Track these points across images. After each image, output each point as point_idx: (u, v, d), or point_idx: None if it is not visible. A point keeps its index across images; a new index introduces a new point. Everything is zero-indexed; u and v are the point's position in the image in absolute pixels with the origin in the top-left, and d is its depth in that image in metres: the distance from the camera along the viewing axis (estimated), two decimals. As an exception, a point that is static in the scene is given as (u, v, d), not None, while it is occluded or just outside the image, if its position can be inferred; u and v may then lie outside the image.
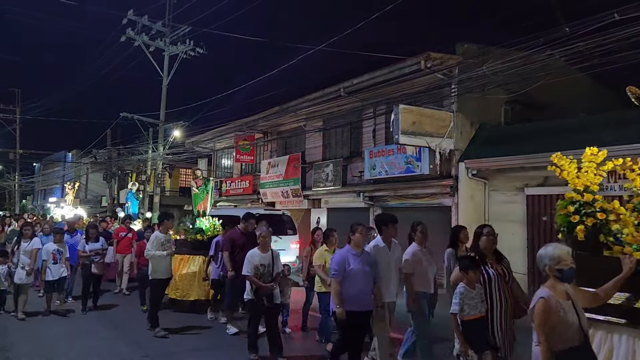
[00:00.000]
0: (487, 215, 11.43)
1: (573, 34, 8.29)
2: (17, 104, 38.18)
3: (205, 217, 10.64)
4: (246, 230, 7.99)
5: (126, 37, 21.18)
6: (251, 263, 6.33)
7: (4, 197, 45.62)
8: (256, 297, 6.30)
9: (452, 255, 6.21)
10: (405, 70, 11.96)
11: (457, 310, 4.54)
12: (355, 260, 5.40)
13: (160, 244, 7.97)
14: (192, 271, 9.62)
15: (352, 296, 5.29)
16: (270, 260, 6.45)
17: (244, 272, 6.39)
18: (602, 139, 9.19)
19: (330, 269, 5.45)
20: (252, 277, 6.30)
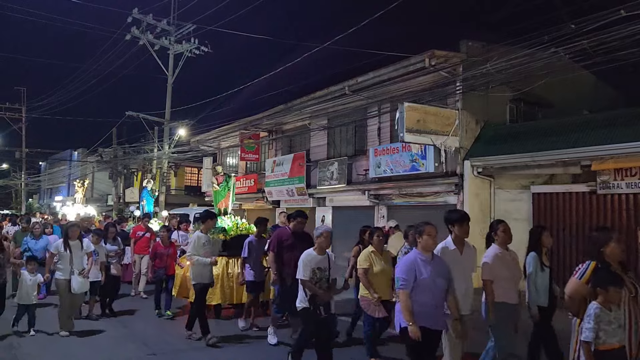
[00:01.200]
0: (492, 214, 11.42)
1: (578, 31, 8.26)
2: (23, 103, 38.40)
3: (227, 215, 10.29)
4: (296, 229, 7.21)
5: (131, 36, 21.25)
6: (307, 266, 5.60)
7: (10, 196, 45.88)
8: (312, 305, 5.56)
9: (536, 260, 5.53)
10: (409, 68, 11.95)
11: (592, 337, 3.71)
12: (426, 267, 4.56)
13: (201, 246, 7.48)
14: (215, 274, 8.79)
15: (423, 310, 4.47)
16: (327, 263, 5.75)
17: (299, 276, 5.64)
18: (607, 137, 9.24)
19: (398, 279, 4.55)
20: (309, 282, 5.58)
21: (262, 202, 19.27)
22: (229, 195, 10.56)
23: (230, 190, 10.55)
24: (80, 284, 7.51)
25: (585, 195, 9.92)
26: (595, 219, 9.68)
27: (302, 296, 5.66)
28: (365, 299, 6.15)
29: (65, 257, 7.53)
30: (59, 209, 33.87)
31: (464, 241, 5.08)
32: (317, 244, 5.77)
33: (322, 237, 5.74)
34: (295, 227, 7.17)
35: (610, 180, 9.43)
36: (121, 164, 27.81)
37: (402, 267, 4.62)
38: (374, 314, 6.10)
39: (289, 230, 7.20)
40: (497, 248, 5.28)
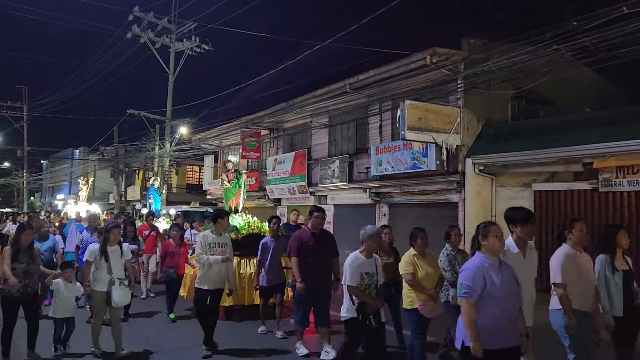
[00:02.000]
0: (494, 212, 11.41)
1: (580, 28, 8.23)
2: (25, 101, 38.52)
3: (239, 213, 10.01)
4: (315, 226, 6.54)
5: (132, 34, 21.27)
6: (355, 271, 5.07)
7: (12, 194, 45.96)
8: (361, 314, 5.02)
9: (606, 263, 4.98)
10: (411, 65, 11.93)
11: None
12: (496, 274, 3.82)
13: (208, 247, 6.88)
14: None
15: (493, 326, 3.73)
16: (374, 267, 5.21)
17: (346, 282, 5.12)
18: (609, 134, 9.21)
19: (461, 285, 3.82)
20: (357, 289, 5.05)
21: (264, 200, 19.29)
22: (239, 192, 10.22)
23: (241, 187, 10.22)
24: (121, 296, 6.43)
25: (587, 193, 9.90)
26: (597, 217, 9.66)
27: (348, 305, 5.11)
28: (422, 302, 5.50)
29: (102, 265, 6.42)
30: (60, 207, 33.91)
31: (526, 243, 4.54)
32: (364, 246, 5.21)
33: (371, 239, 5.20)
34: (314, 223, 6.53)
35: (612, 178, 9.41)
36: (122, 162, 27.84)
37: (468, 273, 3.87)
38: (432, 314, 5.58)
39: (309, 231, 6.55)
40: (568, 248, 4.80)
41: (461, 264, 5.50)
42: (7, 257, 6.08)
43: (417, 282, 5.54)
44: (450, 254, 5.89)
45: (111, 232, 6.52)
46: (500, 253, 4.00)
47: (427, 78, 11.95)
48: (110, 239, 6.48)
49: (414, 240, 5.82)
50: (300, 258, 6.39)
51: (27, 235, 6.19)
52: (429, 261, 5.80)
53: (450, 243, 6.01)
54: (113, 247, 6.48)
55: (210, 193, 23.82)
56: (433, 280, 5.68)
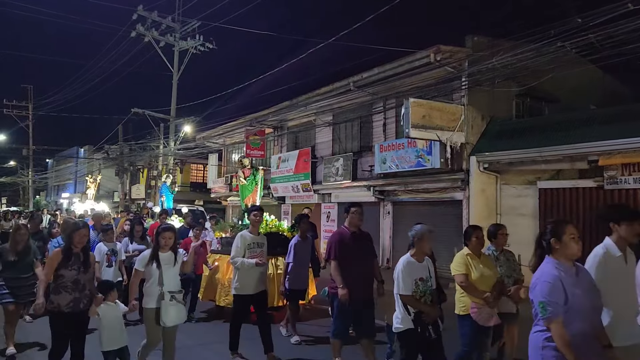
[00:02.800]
0: (498, 209, 11.39)
1: (584, 25, 8.20)
2: (30, 101, 38.66)
3: None
4: (353, 225, 5.85)
5: (136, 33, 21.31)
6: (408, 277, 4.54)
7: (17, 193, 46.16)
8: (418, 325, 4.49)
9: None
10: (415, 63, 11.92)
11: None
12: (574, 283, 3.18)
13: (246, 248, 6.32)
14: None
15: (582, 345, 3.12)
16: (428, 271, 4.68)
17: (399, 290, 4.57)
18: (614, 132, 9.18)
19: (543, 304, 3.10)
20: (413, 297, 4.53)
21: (268, 199, 19.31)
22: (256, 189, 9.79)
23: (257, 184, 9.78)
24: (173, 315, 5.19)
25: (593, 191, 9.87)
26: (602, 215, 9.62)
27: (402, 315, 4.57)
28: (475, 306, 4.91)
29: (152, 275, 5.27)
30: (65, 205, 34.03)
31: (627, 245, 3.83)
32: (415, 249, 4.68)
33: (422, 240, 4.63)
34: (352, 221, 5.84)
35: (618, 176, 9.38)
36: (127, 160, 27.92)
37: (545, 286, 3.13)
38: (488, 322, 4.91)
39: (348, 231, 5.83)
40: None
41: (504, 265, 5.40)
42: (54, 262, 4.93)
43: (470, 284, 4.97)
44: (493, 254, 5.48)
45: (161, 235, 5.34)
46: (577, 257, 3.31)
47: (431, 76, 11.92)
48: (162, 243, 5.31)
49: (467, 239, 5.22)
50: (341, 261, 5.66)
51: (81, 236, 5.00)
52: (484, 262, 5.19)
53: (495, 243, 5.55)
54: (165, 254, 5.32)
55: (215, 191, 23.87)
56: (489, 283, 5.04)
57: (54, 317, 4.88)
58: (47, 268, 5.07)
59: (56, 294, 4.85)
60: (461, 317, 5.05)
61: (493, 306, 4.94)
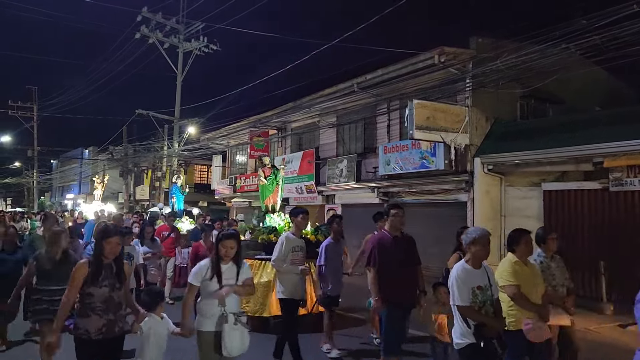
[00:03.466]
0: (503, 211, 11.37)
1: (589, 26, 8.18)
2: (35, 102, 38.83)
3: (277, 213, 9.17)
4: (394, 228, 5.33)
5: (141, 35, 21.37)
6: (465, 286, 4.07)
7: (22, 194, 46.32)
8: (481, 339, 4.03)
9: None
10: (419, 65, 11.91)
11: None
12: None
13: (290, 251, 5.99)
14: (265, 281, 7.62)
15: None
16: (487, 279, 4.20)
17: (455, 301, 4.11)
18: (619, 133, 9.15)
19: None
20: (472, 309, 4.06)
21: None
22: (277, 190, 9.30)
23: (279, 184, 9.32)
24: (237, 341, 4.20)
25: (598, 193, 9.83)
26: (607, 217, 9.60)
27: (462, 329, 4.12)
28: (530, 322, 4.39)
29: (211, 292, 4.25)
30: (70, 206, 34.13)
31: None
32: (471, 254, 4.22)
33: (477, 244, 4.15)
34: (393, 224, 5.32)
35: (623, 177, 9.34)
36: (131, 161, 27.99)
37: None
38: (541, 338, 4.42)
39: (389, 235, 5.31)
40: None
41: (555, 273, 5.04)
42: (79, 277, 3.90)
43: (522, 296, 4.44)
44: (543, 261, 5.02)
45: (223, 242, 4.31)
46: None
47: (435, 77, 11.92)
48: (222, 253, 4.31)
49: (515, 244, 4.65)
50: (382, 268, 5.16)
51: (113, 245, 3.96)
52: (532, 270, 4.67)
53: (544, 248, 5.12)
54: (227, 265, 4.33)
55: (219, 192, 23.89)
56: (539, 293, 4.61)
57: (81, 346, 3.89)
58: (70, 286, 3.91)
59: (84, 317, 3.86)
60: (511, 333, 4.43)
61: (547, 320, 4.50)
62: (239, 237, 4.44)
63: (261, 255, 8.06)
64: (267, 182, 9.24)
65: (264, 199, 9.33)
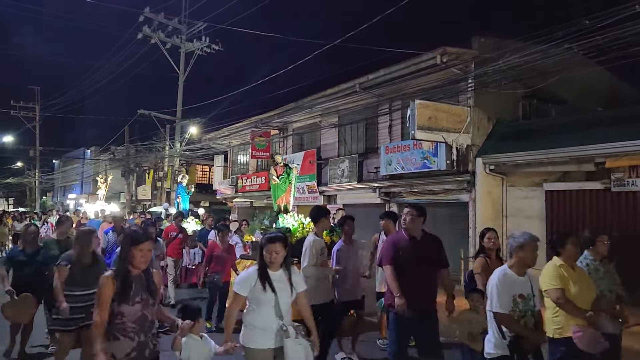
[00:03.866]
0: (504, 211, 11.34)
1: (592, 26, 8.16)
2: (37, 102, 38.91)
3: (289, 213, 8.87)
4: (414, 232, 5.01)
5: (143, 35, 21.40)
6: (506, 293, 3.77)
7: (24, 194, 46.41)
8: (515, 352, 3.75)
9: None
10: (421, 65, 11.89)
11: None
12: None
13: (319, 254, 5.82)
14: None
15: None
16: (530, 288, 3.88)
17: (493, 307, 3.81)
18: (621, 133, 9.13)
19: None
20: (510, 318, 3.75)
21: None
22: (289, 189, 9.03)
23: (291, 183, 9.06)
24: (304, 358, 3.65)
25: (600, 193, 9.81)
26: (609, 217, 9.58)
27: (496, 339, 3.84)
28: (579, 329, 4.03)
29: (263, 302, 3.71)
30: (72, 206, 34.16)
31: None
32: (514, 260, 3.90)
33: (525, 250, 3.85)
34: (408, 224, 5.02)
35: (625, 178, 9.32)
36: (133, 161, 28.02)
37: None
38: (595, 348, 4.00)
39: (406, 235, 5.03)
40: None
41: (605, 277, 4.76)
42: (107, 294, 3.30)
43: (569, 301, 4.14)
44: (591, 264, 4.73)
45: (268, 248, 3.77)
46: None
47: (437, 77, 11.90)
48: (268, 259, 3.77)
49: (560, 247, 4.38)
50: (395, 269, 4.91)
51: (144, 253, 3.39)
52: (579, 274, 4.39)
53: (593, 251, 4.84)
54: (277, 273, 3.78)
55: (220, 192, 23.91)
56: (589, 299, 4.28)
57: None
58: (99, 306, 3.30)
59: (111, 340, 3.30)
60: (556, 341, 4.18)
61: (598, 328, 4.14)
62: (285, 239, 3.91)
63: None
64: (279, 182, 8.97)
65: (276, 198, 9.06)
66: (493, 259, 5.52)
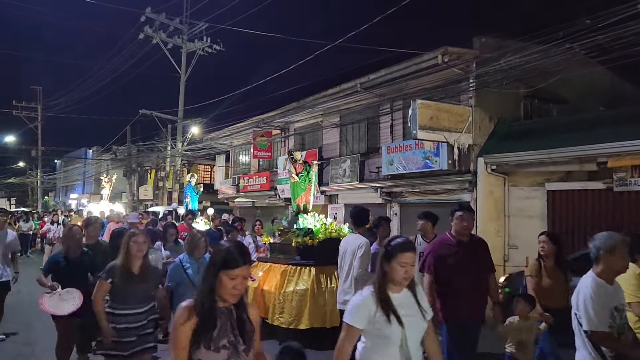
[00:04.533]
0: (506, 211, 11.34)
1: (593, 26, 8.17)
2: (39, 102, 38.93)
3: (310, 213, 8.37)
4: (463, 235, 4.67)
5: (144, 35, 21.43)
6: (603, 307, 3.12)
7: (26, 193, 46.49)
8: None
9: None
10: (422, 65, 11.90)
11: None
12: None
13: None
14: (301, 289, 7.06)
15: None
16: (622, 297, 3.36)
17: (591, 326, 3.09)
18: (623, 133, 9.12)
19: None
20: (611, 337, 3.14)
21: (275, 200, 19.34)
22: (309, 188, 8.51)
23: (311, 181, 8.55)
24: None
25: (602, 193, 9.81)
26: (611, 217, 9.57)
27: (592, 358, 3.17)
28: None
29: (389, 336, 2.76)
30: (74, 206, 34.19)
31: None
32: (605, 265, 3.23)
33: (616, 253, 3.21)
34: (458, 227, 4.66)
35: (627, 177, 9.32)
36: (135, 161, 28.06)
37: None
38: None
39: (452, 238, 4.68)
40: None
41: None
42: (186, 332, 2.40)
43: None
44: None
45: (399, 259, 2.80)
46: None
47: (438, 77, 11.90)
48: (393, 277, 2.82)
49: (638, 253, 3.89)
50: (439, 277, 4.51)
51: (238, 282, 2.50)
52: None
53: None
54: (400, 294, 2.86)
55: (222, 192, 23.92)
56: None
57: None
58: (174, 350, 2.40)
59: None
60: None
61: None
62: (415, 249, 2.96)
63: (295, 259, 7.54)
64: (298, 180, 8.46)
65: (295, 197, 8.58)
66: (550, 264, 5.08)
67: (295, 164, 8.56)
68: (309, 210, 8.40)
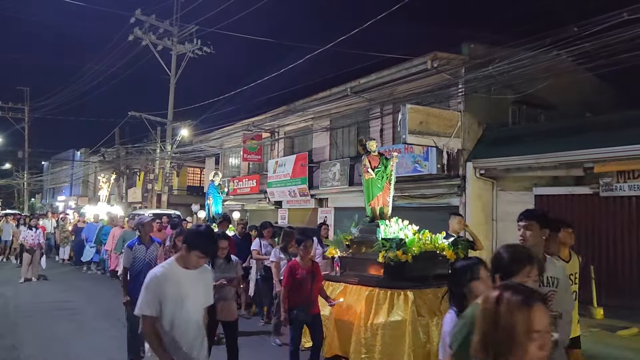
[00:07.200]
0: (494, 215, 11.43)
1: (581, 33, 8.27)
2: (26, 103, 38.54)
3: (390, 219, 6.81)
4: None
5: (134, 37, 21.35)
6: None
7: (12, 195, 46.01)
8: None
9: None
10: (412, 70, 11.98)
11: None
12: None
13: None
14: (395, 320, 5.44)
15: None
16: None
17: None
18: (609, 139, 9.24)
19: None
20: None
21: (265, 203, 19.33)
22: (387, 186, 6.94)
23: (390, 179, 6.96)
24: None
25: (588, 198, 9.93)
26: (598, 221, 9.68)
27: None
28: None
29: None
30: (61, 208, 33.91)
31: None
32: None
33: None
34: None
35: (613, 183, 9.44)
36: (124, 164, 27.89)
37: None
38: None
39: None
40: None
41: None
42: None
43: None
44: None
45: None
46: None
47: (428, 82, 11.97)
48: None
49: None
50: None
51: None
52: None
53: None
54: None
55: (212, 195, 23.82)
56: None
57: None
58: None
59: None
60: None
61: None
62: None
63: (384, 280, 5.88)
64: (374, 176, 6.83)
65: (370, 199, 6.91)
66: None
67: (369, 156, 6.96)
68: (387, 216, 6.88)
